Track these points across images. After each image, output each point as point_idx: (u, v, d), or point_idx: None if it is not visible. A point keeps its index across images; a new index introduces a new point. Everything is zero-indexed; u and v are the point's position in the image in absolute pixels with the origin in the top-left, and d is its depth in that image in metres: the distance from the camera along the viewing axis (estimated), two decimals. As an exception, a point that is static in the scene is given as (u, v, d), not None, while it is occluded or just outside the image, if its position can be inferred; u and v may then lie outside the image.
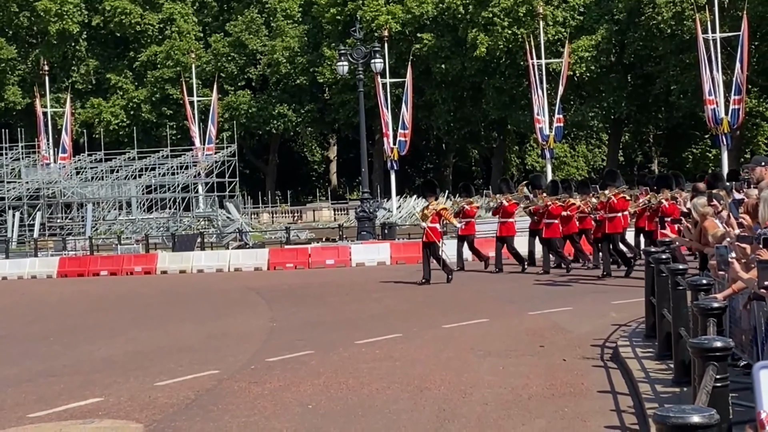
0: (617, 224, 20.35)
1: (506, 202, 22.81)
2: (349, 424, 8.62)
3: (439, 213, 20.64)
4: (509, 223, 22.91)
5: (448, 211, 21.59)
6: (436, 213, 20.54)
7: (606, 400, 9.02)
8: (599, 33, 49.86)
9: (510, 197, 23.05)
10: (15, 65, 61.01)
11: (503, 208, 22.81)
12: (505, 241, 22.72)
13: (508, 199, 22.94)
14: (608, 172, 22.93)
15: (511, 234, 22.85)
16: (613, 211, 20.20)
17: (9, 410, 9.87)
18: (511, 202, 22.90)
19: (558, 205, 21.76)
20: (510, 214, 22.97)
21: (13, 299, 23.63)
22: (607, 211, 20.25)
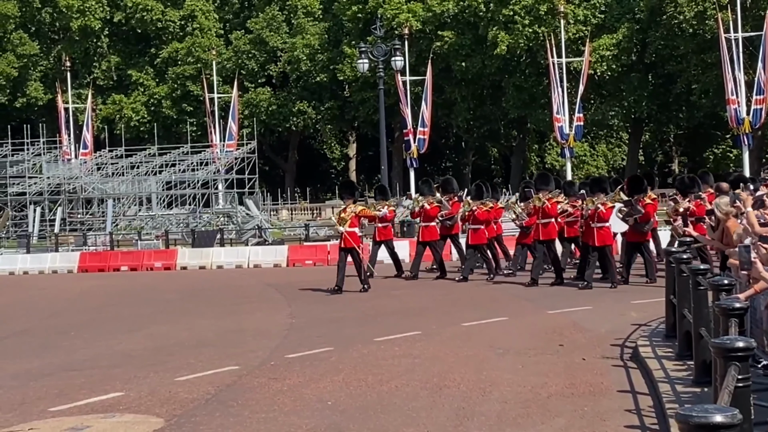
0: (551, 230, 19.41)
1: (428, 205, 21.60)
2: (368, 420, 8.64)
3: (358, 216, 19.57)
4: (432, 227, 21.62)
5: (367, 211, 20.40)
6: (356, 216, 19.42)
7: (626, 399, 9.01)
8: (620, 32, 49.65)
9: (432, 200, 21.73)
10: (37, 61, 61.33)
11: (425, 212, 21.62)
12: (426, 246, 21.66)
13: (431, 202, 21.67)
14: (540, 175, 21.56)
15: (433, 239, 21.62)
16: (546, 216, 19.28)
17: (31, 404, 9.94)
18: (433, 205, 21.57)
19: (483, 210, 20.73)
20: (432, 218, 21.62)
21: (34, 294, 23.77)
22: (540, 216, 19.31)
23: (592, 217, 18.48)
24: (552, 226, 19.39)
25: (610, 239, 18.64)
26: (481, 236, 20.70)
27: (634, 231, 18.84)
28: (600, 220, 18.38)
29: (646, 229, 19.03)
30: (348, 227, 19.08)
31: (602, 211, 18.29)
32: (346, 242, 19.09)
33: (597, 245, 18.42)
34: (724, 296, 7.84)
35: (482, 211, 20.73)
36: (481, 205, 20.82)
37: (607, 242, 18.50)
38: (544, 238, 19.30)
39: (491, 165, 72.55)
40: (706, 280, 8.93)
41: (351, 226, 19.14)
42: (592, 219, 18.48)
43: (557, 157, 62.94)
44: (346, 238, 19.06)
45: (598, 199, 18.48)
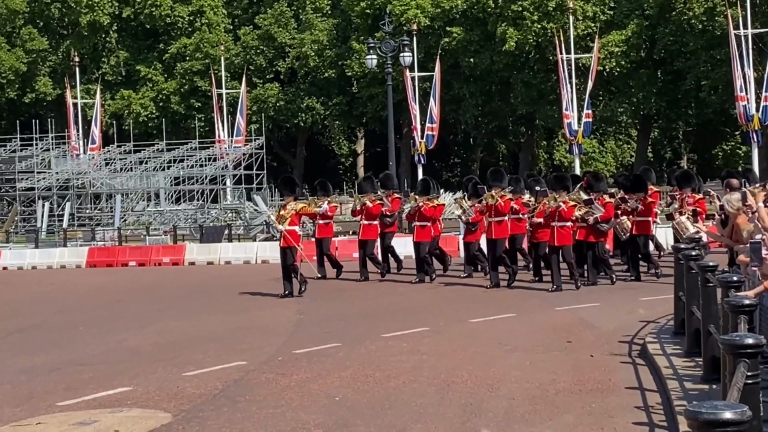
0: (503, 229, 18.84)
1: (370, 203, 20.75)
2: (376, 416, 8.64)
3: (299, 214, 18.70)
4: (373, 225, 20.90)
5: (307, 208, 19.49)
6: (296, 214, 18.50)
7: (634, 396, 8.99)
8: (629, 28, 49.49)
9: (374, 197, 20.99)
10: (46, 56, 61.38)
11: (366, 209, 20.79)
12: (364, 246, 20.83)
13: (372, 199, 20.87)
14: (492, 171, 20.43)
15: (371, 238, 20.90)
16: (499, 214, 18.71)
17: (39, 398, 9.97)
18: (375, 203, 20.80)
19: (431, 206, 20.02)
20: (375, 216, 20.82)
21: (43, 289, 23.82)
22: (493, 214, 18.75)
23: (552, 216, 17.74)
24: (505, 225, 18.81)
25: (569, 239, 17.80)
26: (427, 233, 19.94)
27: (592, 230, 18.19)
28: (561, 218, 17.67)
29: (606, 229, 18.46)
30: (288, 225, 18.16)
31: (563, 209, 17.59)
32: (285, 241, 18.12)
33: (557, 245, 17.71)
34: (733, 293, 7.81)
35: (429, 208, 19.99)
36: (427, 202, 20.07)
37: (566, 242, 17.72)
38: (497, 236, 18.62)
39: (499, 161, 72.39)
40: (715, 277, 8.90)
41: (291, 225, 18.22)
42: (553, 217, 17.75)
43: (566, 153, 62.80)
44: (285, 237, 18.10)
45: (560, 196, 17.80)
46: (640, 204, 18.94)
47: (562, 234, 17.69)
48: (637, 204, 18.95)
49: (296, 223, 18.53)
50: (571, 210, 17.69)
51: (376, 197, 21.07)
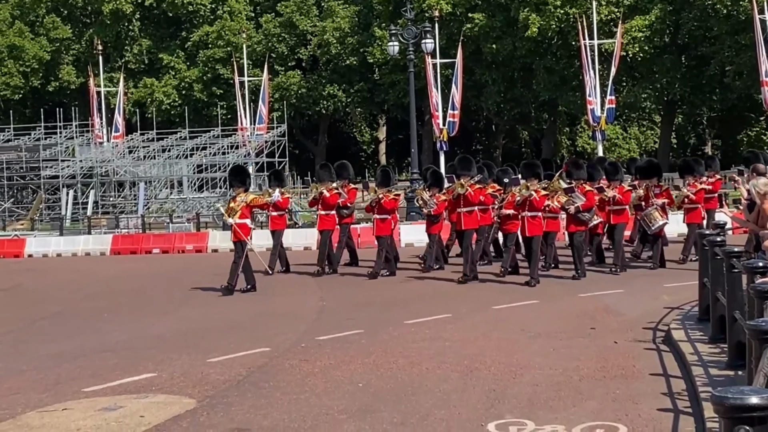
0: (473, 219, 18.03)
1: (327, 192, 19.83)
2: (399, 402, 8.65)
3: (249, 206, 17.87)
4: (331, 215, 19.94)
5: (258, 199, 18.73)
6: (247, 206, 17.66)
7: (658, 383, 8.97)
8: (653, 13, 49.15)
9: (331, 187, 20.01)
10: (69, 45, 61.64)
11: (323, 199, 19.85)
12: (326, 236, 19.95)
13: (329, 188, 19.93)
14: (460, 159, 19.28)
15: (328, 228, 19.94)
16: (468, 204, 17.85)
17: (65, 384, 10.05)
18: (332, 192, 19.84)
19: (391, 198, 19.02)
20: (332, 206, 19.89)
21: (68, 276, 23.97)
22: (462, 204, 17.87)
23: (523, 205, 16.88)
24: (474, 215, 18.00)
25: (540, 229, 16.95)
26: (387, 227, 19.00)
27: (573, 220, 17.45)
28: (532, 208, 16.81)
29: (587, 218, 17.62)
30: (238, 218, 17.35)
31: (535, 198, 16.68)
32: (236, 235, 17.36)
33: (528, 235, 16.92)
34: (758, 279, 7.77)
35: (389, 200, 18.96)
36: (387, 193, 19.03)
37: (536, 233, 16.89)
38: (466, 227, 17.79)
39: (522, 148, 72.23)
40: (740, 263, 8.85)
41: (241, 217, 17.43)
42: (524, 207, 16.90)
43: (588, 140, 62.57)
44: (235, 230, 17.31)
45: (531, 185, 16.90)
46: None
47: (533, 224, 16.86)
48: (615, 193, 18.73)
49: (247, 215, 17.78)
50: (543, 199, 16.75)
51: (333, 187, 20.06)
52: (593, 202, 17.71)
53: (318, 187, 20.53)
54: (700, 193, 19.22)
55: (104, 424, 8.31)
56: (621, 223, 18.42)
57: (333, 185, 20.08)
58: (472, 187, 17.89)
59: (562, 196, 17.09)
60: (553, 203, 16.96)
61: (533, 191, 16.70)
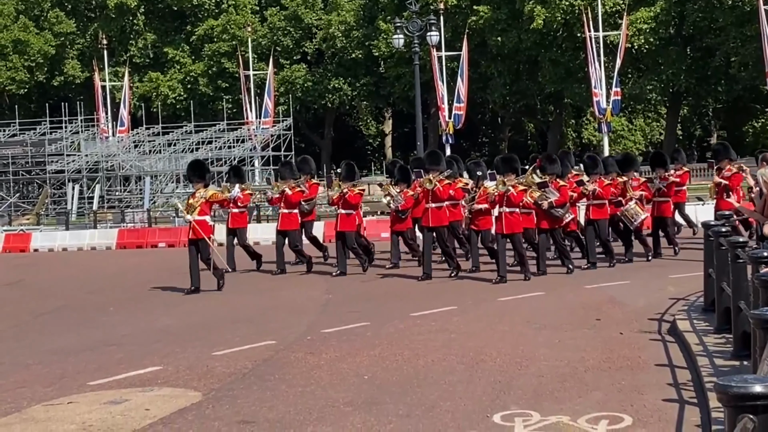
0: (442, 216, 17.52)
1: (289, 190, 19.28)
2: (405, 394, 8.65)
3: (209, 202, 16.97)
4: (294, 214, 19.41)
5: (218, 195, 17.66)
6: (206, 202, 16.83)
7: (663, 373, 8.96)
8: (658, 4, 49.07)
9: (293, 184, 19.47)
10: (74, 39, 61.73)
11: (286, 197, 19.26)
12: (286, 235, 19.42)
13: (291, 186, 19.37)
14: (429, 153, 18.80)
15: (292, 228, 19.42)
16: (437, 200, 17.36)
17: (70, 378, 10.06)
18: (294, 190, 19.33)
19: (356, 192, 18.50)
20: (294, 204, 19.36)
21: (73, 270, 24.02)
22: (431, 200, 17.42)
23: (500, 201, 16.27)
24: (444, 211, 17.50)
25: (519, 226, 16.35)
26: (352, 222, 18.46)
27: (546, 217, 16.88)
28: (510, 204, 16.15)
29: (561, 214, 17.00)
30: (197, 215, 16.54)
31: (512, 194, 16.03)
32: (195, 233, 16.53)
33: (505, 233, 16.23)
34: (763, 269, 7.74)
35: (354, 194, 18.40)
36: (352, 188, 18.49)
37: (515, 230, 16.28)
38: (434, 224, 17.37)
39: (528, 140, 72.16)
40: (745, 253, 8.83)
41: (201, 214, 16.60)
42: (501, 203, 16.28)
43: (594, 132, 62.49)
44: (194, 228, 16.52)
45: (509, 180, 16.25)
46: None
47: (511, 221, 16.20)
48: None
49: (207, 212, 16.88)
50: (521, 194, 16.17)
51: (296, 183, 19.58)
52: (567, 197, 17.11)
53: (280, 185, 19.84)
54: (671, 185, 19.11)
55: (110, 418, 8.32)
56: (602, 218, 17.75)
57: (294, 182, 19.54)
58: (441, 182, 17.39)
59: (535, 192, 16.56)
60: (526, 198, 16.42)
61: (510, 186, 16.08)
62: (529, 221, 16.85)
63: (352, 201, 18.36)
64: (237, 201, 19.60)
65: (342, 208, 18.35)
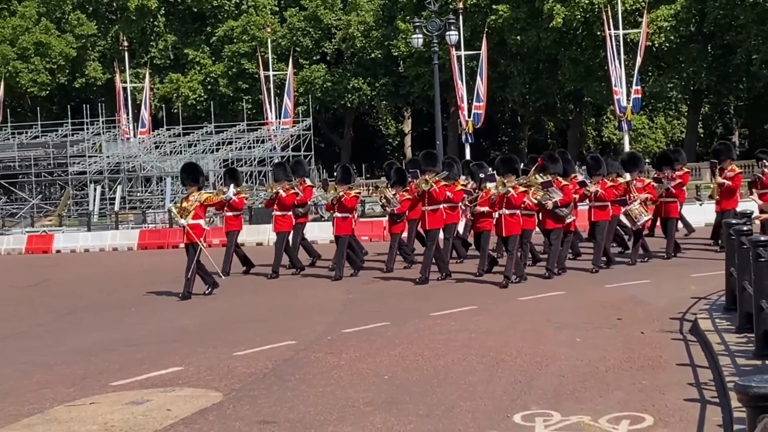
0: (438, 218, 17.14)
1: (283, 192, 18.98)
2: (425, 394, 8.65)
3: (204, 205, 16.73)
4: (288, 217, 19.21)
5: (212, 198, 17.47)
6: (201, 205, 16.58)
7: (685, 373, 8.92)
8: (678, 2, 48.83)
9: (287, 186, 19.19)
10: (95, 41, 62.05)
11: (280, 199, 19.02)
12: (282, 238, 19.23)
13: (285, 188, 19.07)
14: (425, 154, 18.52)
15: (285, 230, 19.18)
16: (434, 202, 16.98)
17: (92, 378, 10.12)
18: (288, 192, 19.05)
19: (352, 195, 18.11)
20: (288, 206, 19.13)
21: (95, 271, 24.15)
22: (427, 202, 17.02)
23: (500, 203, 15.78)
24: (440, 213, 17.15)
25: (518, 228, 15.85)
26: (348, 226, 18.06)
27: (551, 217, 16.52)
28: (510, 205, 15.72)
29: (565, 214, 16.67)
30: (191, 219, 16.33)
31: (513, 195, 15.62)
32: (189, 237, 16.33)
33: (505, 235, 15.79)
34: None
35: (350, 197, 18.02)
36: (348, 191, 18.12)
37: (514, 232, 15.77)
38: (431, 227, 17.00)
39: (547, 139, 71.97)
40: (767, 252, 8.78)
41: (195, 218, 16.38)
42: (501, 204, 15.79)
43: (615, 130, 62.26)
44: (188, 233, 16.30)
45: (508, 181, 15.81)
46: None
47: (511, 222, 15.75)
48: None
49: (201, 216, 16.63)
50: (522, 196, 15.77)
51: (290, 186, 19.31)
52: (571, 197, 16.75)
53: (274, 186, 19.54)
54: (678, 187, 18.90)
55: (131, 418, 8.36)
56: (603, 220, 17.46)
57: (288, 184, 19.30)
58: (437, 183, 17.01)
59: (538, 192, 16.16)
60: (529, 200, 16.07)
61: (510, 188, 15.67)
62: (530, 223, 16.53)
63: (348, 204, 17.99)
64: (231, 204, 19.32)
65: (338, 212, 18.00)
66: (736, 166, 19.38)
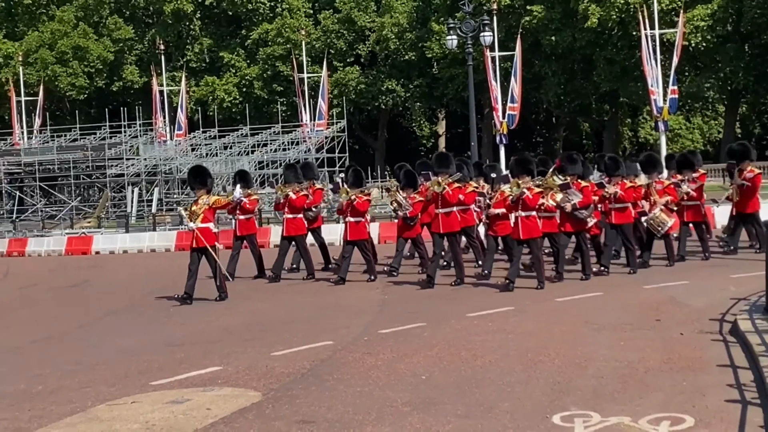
0: (453, 221, 16.93)
1: (293, 194, 18.96)
2: (463, 395, 8.66)
3: (213, 208, 16.53)
4: (299, 219, 19.14)
5: (221, 200, 17.25)
6: (210, 209, 16.39)
7: (725, 374, 8.86)
8: (715, 2, 48.43)
9: (298, 188, 19.16)
10: (132, 45, 62.55)
11: (290, 202, 18.97)
12: (293, 241, 19.23)
13: (296, 191, 19.06)
14: (438, 156, 18.18)
15: (300, 233, 19.18)
16: (447, 205, 16.79)
17: (133, 378, 10.22)
18: (299, 194, 19.02)
19: (364, 199, 17.82)
20: (299, 209, 19.10)
21: (134, 272, 24.37)
22: (440, 205, 16.82)
23: (516, 205, 15.43)
24: (454, 216, 16.89)
25: (537, 230, 15.55)
26: (362, 230, 17.84)
27: (571, 219, 16.18)
28: (525, 207, 15.33)
29: (586, 216, 16.33)
30: (200, 222, 16.16)
31: (528, 196, 15.21)
32: (198, 242, 16.16)
33: (523, 237, 15.45)
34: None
35: (362, 201, 17.75)
36: (360, 195, 17.80)
37: (533, 234, 15.47)
38: (445, 230, 16.74)
39: (582, 140, 71.63)
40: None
41: (204, 222, 16.19)
42: (516, 206, 15.45)
43: (651, 131, 61.85)
44: (197, 237, 16.14)
45: (523, 182, 15.42)
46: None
47: (528, 225, 15.39)
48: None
49: (210, 219, 16.42)
50: (537, 197, 15.34)
51: (300, 188, 19.27)
52: (590, 199, 16.40)
53: (284, 189, 19.38)
54: (699, 189, 18.71)
55: (172, 417, 8.43)
56: (625, 223, 17.20)
57: (299, 186, 19.25)
58: (450, 185, 16.73)
59: (557, 194, 15.75)
60: (548, 201, 15.69)
61: (525, 189, 15.27)
62: (552, 225, 16.26)
63: (360, 208, 17.72)
64: (243, 207, 19.16)
65: (351, 216, 17.67)
66: (755, 167, 19.14)
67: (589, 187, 16.57)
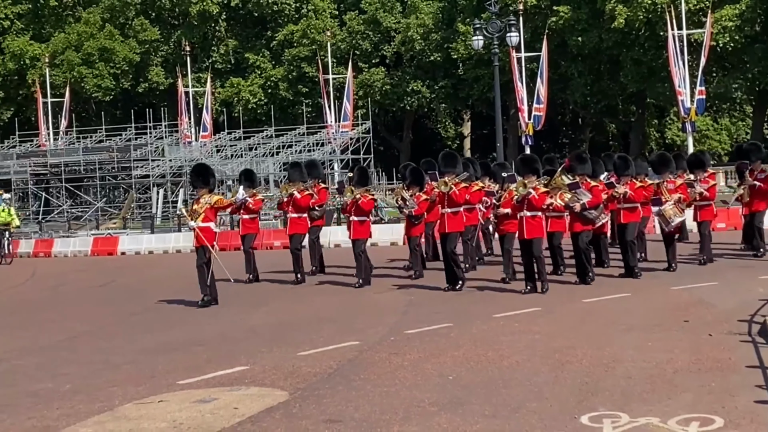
0: (458, 221, 16.78)
1: (298, 193, 18.96)
2: (490, 395, 8.63)
3: (214, 208, 16.38)
4: (303, 218, 19.18)
5: (223, 200, 17.11)
6: (211, 208, 16.21)
7: (755, 375, 8.79)
8: (744, 2, 48.03)
9: (302, 187, 19.10)
10: (158, 46, 62.81)
11: (295, 201, 18.98)
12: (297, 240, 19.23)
13: (300, 189, 19.04)
14: (444, 155, 17.81)
15: (300, 232, 19.21)
16: (453, 204, 16.60)
17: (160, 377, 10.25)
18: (303, 194, 19.00)
19: (369, 198, 17.86)
20: (303, 208, 19.05)
21: (160, 272, 24.49)
22: (447, 204, 16.63)
23: (522, 204, 15.29)
24: (460, 216, 16.80)
25: (541, 231, 15.46)
26: (366, 229, 17.87)
27: (578, 219, 16.08)
28: (531, 207, 15.22)
29: (595, 216, 16.20)
30: (201, 222, 15.97)
31: (534, 196, 15.09)
32: (198, 240, 15.96)
33: (527, 237, 15.26)
34: None
35: (367, 200, 17.71)
36: (365, 194, 17.76)
37: (537, 234, 15.30)
38: (451, 229, 16.55)
39: (609, 141, 71.28)
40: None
41: (205, 221, 16.01)
42: (521, 207, 15.33)
43: (678, 132, 61.48)
44: (198, 236, 15.93)
45: (529, 182, 15.27)
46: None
47: (533, 225, 15.26)
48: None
49: (211, 218, 16.29)
50: (543, 197, 15.22)
51: (305, 187, 19.18)
52: (600, 198, 16.24)
53: (288, 188, 19.34)
54: (713, 189, 18.52)
55: (199, 416, 8.45)
56: (632, 222, 16.98)
57: (304, 185, 19.20)
58: (457, 185, 16.65)
59: (566, 194, 15.60)
60: (556, 201, 15.55)
61: (531, 189, 15.17)
62: (560, 225, 16.22)
63: (365, 208, 17.69)
64: (248, 206, 19.14)
65: (355, 215, 17.64)
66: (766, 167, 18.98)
67: (599, 187, 16.47)
